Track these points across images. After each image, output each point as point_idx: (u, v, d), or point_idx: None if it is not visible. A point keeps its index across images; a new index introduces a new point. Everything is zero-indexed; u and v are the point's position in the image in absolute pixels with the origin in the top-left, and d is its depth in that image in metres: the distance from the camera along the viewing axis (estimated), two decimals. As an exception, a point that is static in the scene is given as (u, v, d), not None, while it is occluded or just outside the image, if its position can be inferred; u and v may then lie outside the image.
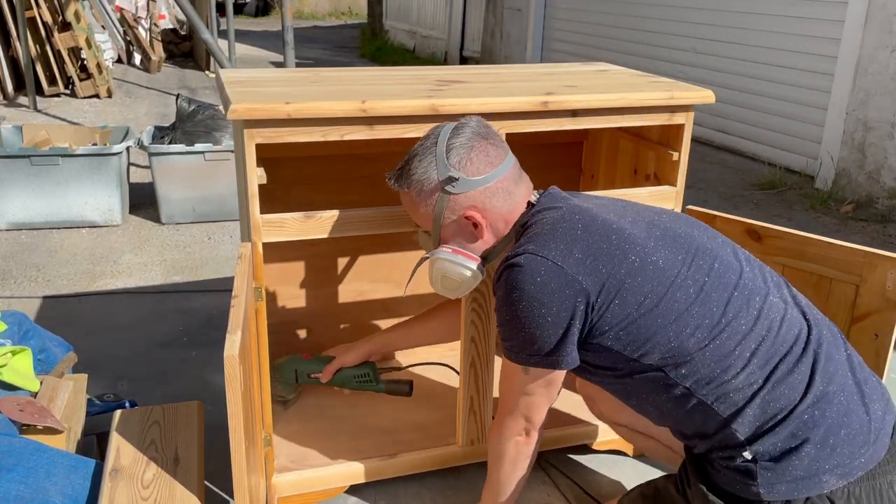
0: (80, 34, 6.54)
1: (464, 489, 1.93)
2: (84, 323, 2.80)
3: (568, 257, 1.31)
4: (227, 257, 3.47)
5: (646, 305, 1.29)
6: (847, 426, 1.26)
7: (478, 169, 1.43)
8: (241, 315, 1.34)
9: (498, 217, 1.46)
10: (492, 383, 1.83)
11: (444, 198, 1.44)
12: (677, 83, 1.90)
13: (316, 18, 16.71)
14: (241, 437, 1.29)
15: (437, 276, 1.51)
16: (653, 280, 1.30)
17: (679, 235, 1.38)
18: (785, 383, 1.27)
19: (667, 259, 1.33)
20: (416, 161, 1.46)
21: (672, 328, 1.29)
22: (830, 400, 1.27)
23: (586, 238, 1.34)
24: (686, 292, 1.30)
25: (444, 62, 9.87)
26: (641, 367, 1.32)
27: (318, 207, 1.68)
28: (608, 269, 1.30)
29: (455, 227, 1.47)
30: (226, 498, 1.87)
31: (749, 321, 1.30)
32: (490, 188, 1.44)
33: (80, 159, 3.63)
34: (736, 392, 1.28)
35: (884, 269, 1.65)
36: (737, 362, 1.28)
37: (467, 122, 1.47)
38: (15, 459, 1.39)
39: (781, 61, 5.08)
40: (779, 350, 1.29)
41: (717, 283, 1.32)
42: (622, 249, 1.32)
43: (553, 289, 1.30)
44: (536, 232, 1.38)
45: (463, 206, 1.44)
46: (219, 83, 1.79)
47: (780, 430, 1.26)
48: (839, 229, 4.05)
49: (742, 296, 1.32)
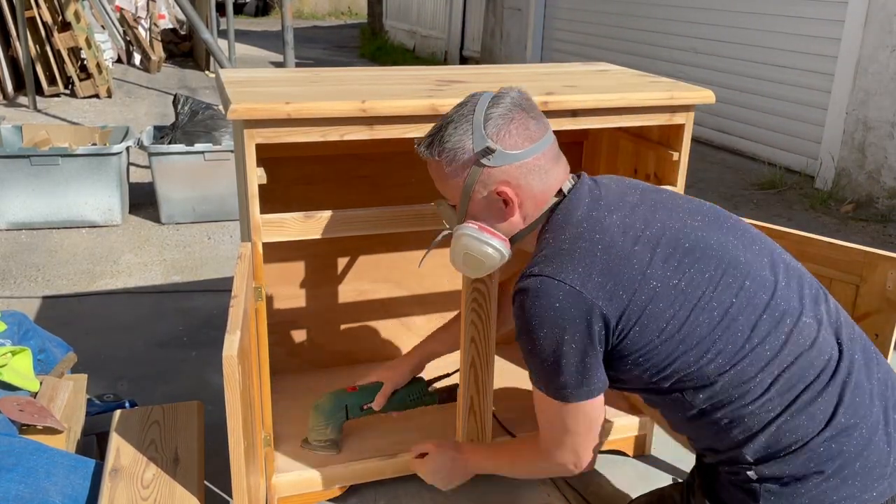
0: (80, 34, 6.54)
1: (464, 489, 1.92)
2: (84, 323, 2.80)
3: (587, 282, 1.24)
4: (227, 257, 3.47)
5: (667, 332, 1.23)
6: (864, 459, 1.21)
7: (516, 142, 1.34)
8: (240, 315, 1.34)
9: (529, 196, 1.37)
10: (492, 383, 1.83)
11: (478, 170, 1.34)
12: (677, 83, 1.90)
13: (316, 18, 16.71)
14: (239, 437, 1.29)
15: (460, 253, 1.42)
16: (675, 305, 1.23)
17: (710, 247, 1.29)
18: (805, 413, 1.21)
19: (691, 280, 1.25)
20: (450, 128, 1.36)
21: (693, 353, 1.23)
22: (850, 433, 1.21)
23: (606, 261, 1.25)
24: (710, 315, 1.23)
25: (444, 62, 9.87)
26: (658, 389, 1.29)
27: (318, 207, 1.68)
28: (629, 295, 1.23)
29: (484, 203, 1.38)
30: (226, 498, 1.87)
31: (775, 346, 1.23)
32: (527, 164, 1.35)
33: (80, 159, 3.63)
34: (751, 417, 1.23)
35: (884, 269, 1.65)
36: (756, 388, 1.22)
37: (508, 92, 1.38)
38: (15, 459, 1.39)
39: (781, 61, 5.08)
40: (804, 377, 1.22)
41: (746, 304, 1.24)
42: (644, 274, 1.24)
43: (574, 315, 1.24)
44: (554, 251, 1.30)
45: (496, 180, 1.35)
46: (219, 83, 1.78)
47: (792, 459, 1.21)
48: (839, 229, 4.05)
49: (771, 318, 1.24)
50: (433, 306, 2.37)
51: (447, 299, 2.37)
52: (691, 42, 5.91)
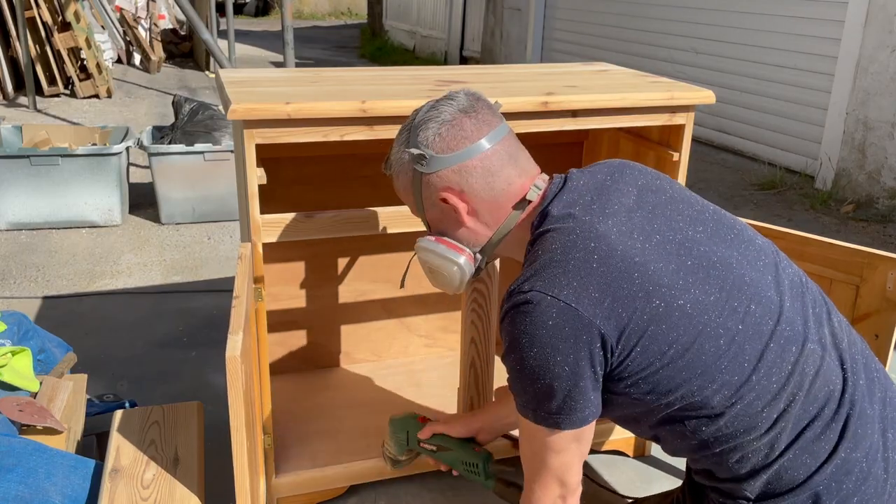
0: (80, 34, 6.54)
1: (464, 489, 1.93)
2: (84, 323, 2.80)
3: (583, 297, 1.12)
4: (227, 257, 3.47)
5: (669, 356, 1.13)
6: (861, 493, 1.15)
7: (448, 145, 1.26)
8: (242, 315, 1.34)
9: (480, 201, 1.28)
10: (492, 384, 1.83)
11: (418, 178, 1.29)
12: (677, 83, 1.90)
13: (316, 18, 16.71)
14: (242, 437, 1.29)
15: (425, 268, 1.38)
16: (679, 328, 1.13)
17: (714, 265, 1.18)
18: (809, 451, 1.15)
19: (696, 302, 1.14)
20: (396, 141, 1.34)
21: (696, 382, 1.14)
22: (850, 469, 1.15)
23: (603, 273, 1.13)
24: (716, 343, 1.13)
25: (444, 62, 9.87)
26: (659, 415, 1.19)
27: (318, 207, 1.68)
28: (629, 313, 1.12)
29: (437, 212, 1.31)
30: (226, 498, 1.86)
31: (781, 378, 1.15)
32: (465, 167, 1.26)
33: (80, 159, 3.63)
34: (756, 453, 1.16)
35: (884, 269, 1.65)
36: (762, 424, 1.14)
37: (452, 96, 1.31)
38: (15, 460, 1.39)
39: (781, 61, 5.08)
40: (808, 411, 1.15)
41: (752, 332, 1.15)
42: (645, 291, 1.13)
43: (568, 334, 1.12)
44: (545, 261, 1.17)
45: (437, 187, 1.28)
46: (219, 83, 1.78)
47: (790, 498, 1.15)
48: (839, 229, 4.05)
49: (777, 346, 1.16)
50: (433, 306, 2.38)
51: (447, 299, 2.37)
52: (691, 42, 5.92)
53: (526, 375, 1.17)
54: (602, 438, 2.01)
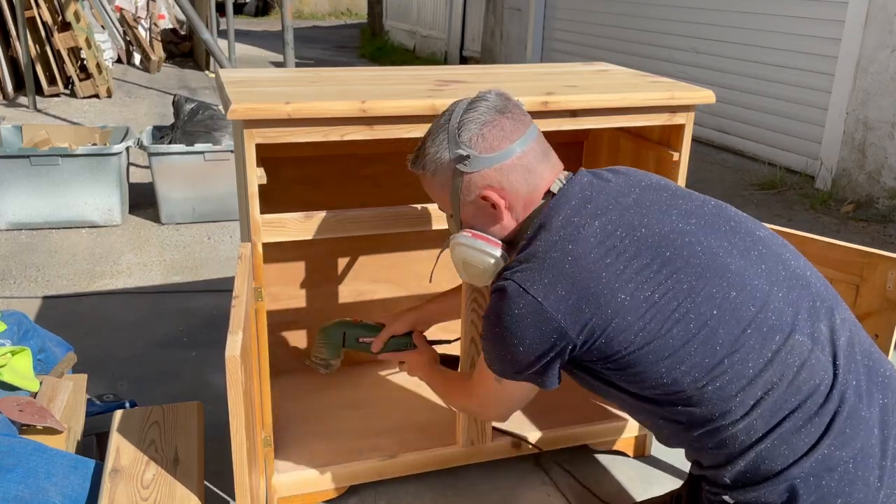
0: (80, 34, 6.54)
1: (464, 489, 1.93)
2: (84, 323, 2.80)
3: (550, 294, 1.22)
4: (227, 257, 3.47)
5: (635, 343, 1.20)
6: (846, 496, 1.14)
7: (490, 145, 1.32)
8: (242, 315, 1.34)
9: (517, 198, 1.35)
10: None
11: (459, 177, 1.34)
12: (677, 83, 1.90)
13: (316, 18, 16.71)
14: (242, 438, 1.29)
15: (459, 263, 1.44)
16: (646, 317, 1.19)
17: (695, 254, 1.23)
18: (787, 443, 1.16)
19: (667, 291, 1.20)
20: (430, 140, 1.38)
21: (664, 364, 1.19)
22: (833, 468, 1.14)
23: (573, 274, 1.22)
24: (686, 328, 1.18)
25: (444, 62, 9.87)
26: (637, 396, 1.27)
27: (318, 207, 1.68)
28: (592, 310, 1.21)
29: (473, 208, 1.38)
30: (226, 498, 1.87)
31: (759, 364, 1.17)
32: (506, 166, 1.33)
33: (80, 159, 3.63)
34: (732, 440, 1.19)
35: (884, 269, 1.65)
36: (737, 409, 1.17)
37: (484, 96, 1.37)
38: (15, 459, 1.39)
39: (781, 61, 5.08)
40: (789, 402, 1.16)
41: (729, 317, 1.18)
42: (611, 289, 1.20)
43: (528, 323, 1.24)
44: (529, 254, 1.29)
45: (479, 185, 1.34)
46: (219, 83, 1.78)
47: (766, 487, 1.17)
48: (839, 229, 4.05)
49: (757, 333, 1.18)
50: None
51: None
52: (691, 42, 5.92)
53: (489, 342, 1.34)
54: (603, 438, 2.01)
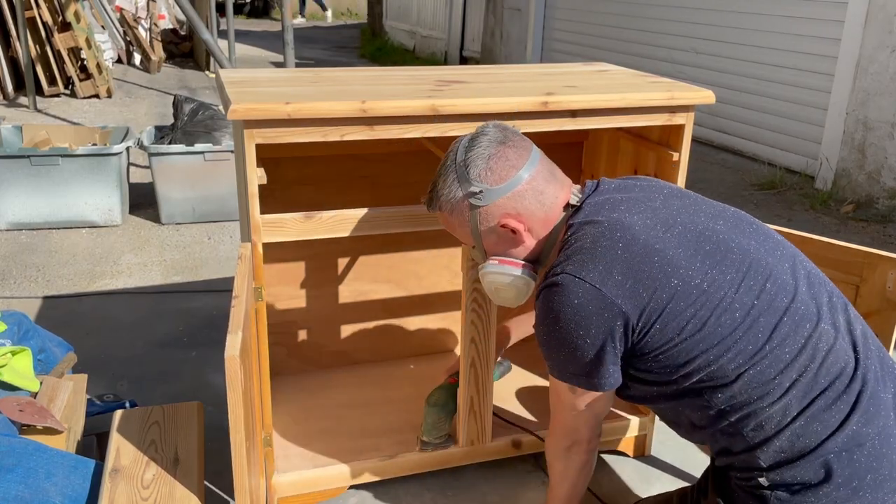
0: (80, 34, 6.54)
1: (464, 489, 1.93)
2: (84, 323, 2.80)
3: (607, 280, 1.27)
4: (227, 257, 3.47)
5: (688, 330, 1.25)
6: (876, 471, 1.21)
7: (499, 176, 1.39)
8: (241, 315, 1.34)
9: (535, 220, 1.41)
10: (492, 384, 1.83)
11: (475, 212, 1.41)
12: (677, 83, 1.90)
13: (316, 18, 16.71)
14: (241, 438, 1.29)
15: (491, 289, 1.49)
16: (696, 304, 1.25)
17: (732, 249, 1.31)
18: (819, 420, 1.22)
19: (713, 280, 1.26)
20: (440, 182, 1.44)
21: (713, 352, 1.25)
22: (862, 443, 1.21)
23: (627, 259, 1.28)
24: (732, 316, 1.25)
25: (444, 62, 9.87)
26: (678, 387, 1.30)
27: (318, 207, 1.68)
28: (649, 293, 1.26)
29: (495, 237, 1.44)
30: (226, 498, 1.87)
31: (794, 350, 1.24)
32: (518, 192, 1.39)
33: (80, 159, 3.63)
34: (769, 421, 1.24)
35: (884, 269, 1.65)
36: (775, 391, 1.23)
37: (483, 131, 1.44)
38: (15, 460, 1.39)
39: (781, 61, 5.08)
40: (820, 383, 1.23)
41: (767, 306, 1.26)
42: (664, 273, 1.26)
43: (591, 311, 1.27)
44: (576, 249, 1.33)
45: (496, 215, 1.40)
46: (219, 83, 1.78)
47: (802, 465, 1.22)
48: (839, 229, 4.05)
49: (791, 321, 1.25)
50: (433, 306, 2.38)
51: (447, 299, 2.37)
52: (691, 42, 5.91)
53: (552, 345, 1.34)
54: (604, 438, 2.01)
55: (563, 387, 1.39)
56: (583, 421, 1.44)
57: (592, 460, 1.53)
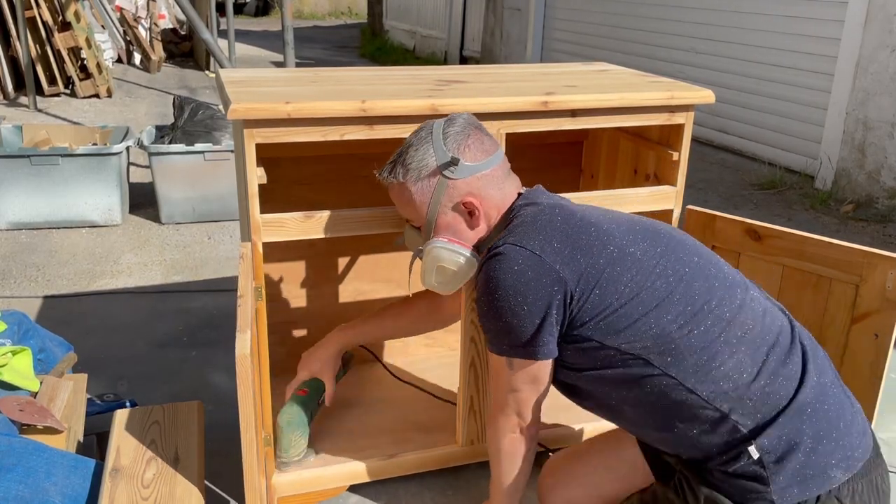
0: (80, 34, 6.54)
1: (464, 489, 1.93)
2: (84, 323, 2.80)
3: (546, 247, 1.33)
4: (227, 257, 3.47)
5: (626, 295, 1.30)
6: (843, 418, 1.27)
7: (475, 155, 1.46)
8: (249, 314, 1.34)
9: (492, 206, 1.48)
10: (492, 383, 1.83)
11: (444, 183, 1.45)
12: (677, 83, 1.90)
13: (316, 18, 16.71)
14: (252, 436, 1.29)
15: (432, 267, 1.51)
16: (632, 269, 1.31)
17: (660, 232, 1.40)
18: (782, 374, 1.27)
19: (646, 251, 1.34)
20: (411, 150, 1.47)
21: (653, 314, 1.28)
22: (826, 392, 1.27)
23: (565, 230, 1.36)
24: (666, 280, 1.31)
25: (444, 62, 9.87)
26: (623, 357, 1.30)
27: (318, 207, 1.68)
28: (587, 260, 1.32)
29: (450, 216, 1.48)
30: (226, 498, 1.87)
31: (733, 309, 1.30)
32: (486, 175, 1.46)
33: (80, 159, 3.63)
34: (726, 380, 1.26)
35: (884, 269, 1.65)
36: (723, 349, 1.27)
37: (458, 115, 1.51)
38: (15, 459, 1.39)
39: (781, 61, 5.08)
40: (766, 339, 1.29)
41: (699, 273, 1.34)
42: (601, 241, 1.34)
43: (530, 277, 1.31)
44: (517, 224, 1.41)
45: (461, 192, 1.46)
46: (219, 83, 1.79)
47: (784, 422, 1.24)
48: (839, 229, 4.05)
49: (724, 286, 1.33)
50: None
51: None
52: (691, 42, 5.91)
53: (491, 315, 1.36)
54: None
55: (501, 362, 1.40)
56: (523, 402, 1.43)
57: (534, 449, 1.52)
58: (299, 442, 1.81)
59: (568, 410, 2.03)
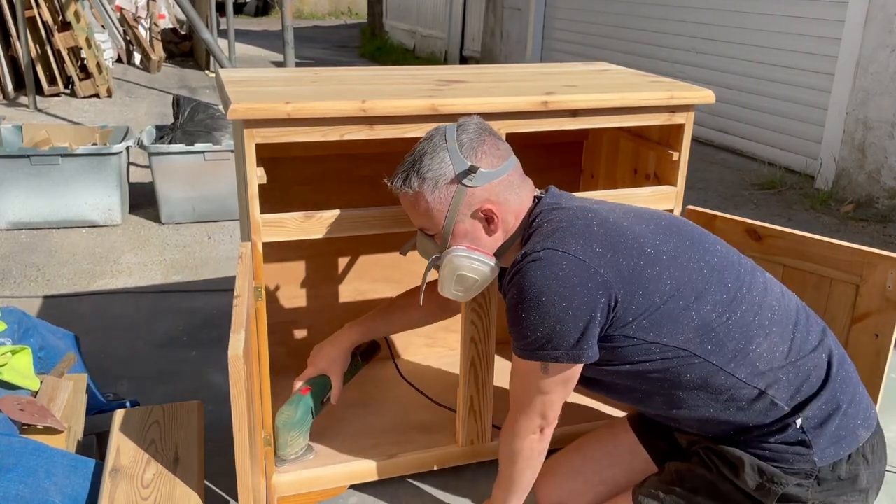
0: (80, 34, 6.54)
1: (464, 489, 1.93)
2: (84, 323, 2.80)
3: (588, 252, 1.31)
4: (227, 257, 3.47)
5: (667, 292, 1.32)
6: (860, 383, 1.39)
7: (491, 161, 1.43)
8: (243, 315, 1.34)
9: (509, 211, 1.45)
10: (491, 383, 1.83)
11: (462, 191, 1.42)
12: (677, 83, 1.90)
13: (316, 18, 16.70)
14: (245, 436, 1.29)
15: (451, 276, 1.47)
16: (669, 268, 1.34)
17: (681, 226, 1.44)
18: (808, 349, 1.36)
19: (676, 247, 1.37)
20: (426, 159, 1.43)
21: (693, 307, 1.32)
22: (845, 360, 1.39)
23: (603, 234, 1.35)
24: (701, 273, 1.35)
25: (444, 62, 9.86)
26: (664, 349, 1.33)
27: (318, 207, 1.68)
28: (628, 263, 1.32)
29: (468, 224, 1.45)
30: (226, 498, 1.87)
31: (760, 293, 1.38)
32: (503, 181, 1.44)
33: (80, 159, 3.63)
34: (762, 361, 1.33)
35: (884, 269, 1.65)
36: (758, 332, 1.33)
37: (469, 120, 1.48)
38: (15, 459, 1.39)
39: (781, 61, 5.08)
40: (789, 318, 1.38)
41: (725, 261, 1.39)
42: (638, 243, 1.35)
43: (575, 282, 1.29)
44: (552, 229, 1.37)
45: (480, 199, 1.43)
46: (219, 83, 1.78)
47: (822, 395, 1.33)
48: (839, 229, 4.05)
49: (747, 271, 1.40)
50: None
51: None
52: (691, 42, 5.91)
53: (533, 321, 1.32)
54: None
55: (533, 368, 1.37)
56: (549, 404, 1.42)
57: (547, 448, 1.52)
58: (297, 441, 1.80)
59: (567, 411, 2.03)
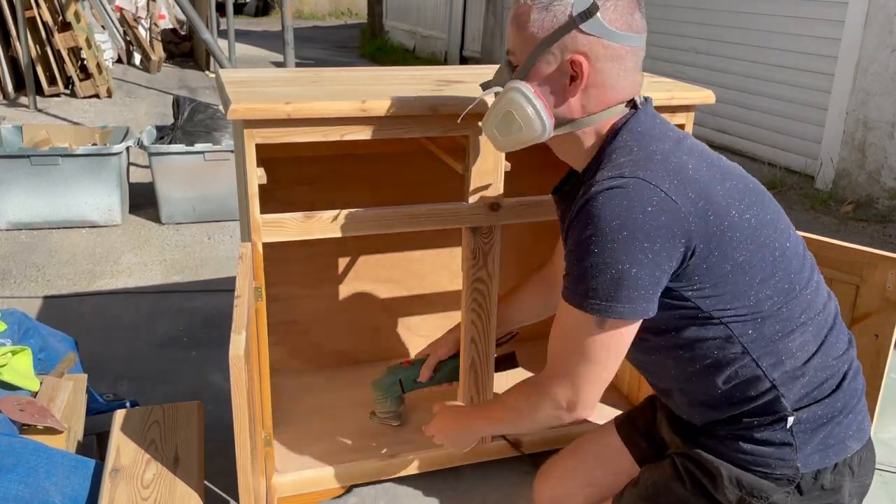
0: (80, 34, 6.54)
1: (464, 489, 1.93)
2: (84, 323, 2.80)
3: (681, 194, 1.14)
4: (227, 257, 3.47)
5: (739, 262, 1.18)
6: (864, 396, 1.32)
7: (616, 20, 1.22)
8: (244, 315, 1.34)
9: (599, 84, 1.25)
10: (492, 383, 1.83)
11: (568, 28, 1.22)
12: (677, 83, 1.90)
13: (316, 18, 16.71)
14: (246, 437, 1.29)
15: (501, 111, 1.31)
16: (747, 239, 1.19)
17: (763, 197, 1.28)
18: (833, 355, 1.28)
19: (759, 219, 1.22)
20: None
21: (755, 287, 1.20)
22: (859, 373, 1.33)
23: (698, 180, 1.18)
24: (772, 254, 1.22)
25: (444, 62, 9.87)
26: (704, 320, 1.22)
27: (318, 207, 1.68)
28: (715, 219, 1.16)
29: (552, 67, 1.26)
30: (226, 498, 1.87)
31: (812, 292, 1.27)
32: (614, 48, 1.23)
33: (80, 159, 3.63)
34: (789, 356, 1.24)
35: (884, 269, 1.65)
36: (797, 329, 1.24)
37: None
38: (15, 459, 1.39)
39: (781, 61, 5.08)
40: (827, 322, 1.29)
41: (794, 251, 1.26)
42: (727, 201, 1.18)
43: (663, 223, 1.12)
44: (644, 157, 1.19)
45: (578, 47, 1.22)
46: (219, 83, 1.78)
47: (825, 402, 1.25)
48: (839, 229, 4.05)
49: (808, 267, 1.29)
50: (433, 306, 2.38)
51: (447, 299, 2.37)
52: (691, 42, 5.92)
53: (602, 260, 1.14)
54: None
55: (586, 320, 1.19)
56: (588, 374, 1.23)
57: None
58: (379, 402, 1.93)
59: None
